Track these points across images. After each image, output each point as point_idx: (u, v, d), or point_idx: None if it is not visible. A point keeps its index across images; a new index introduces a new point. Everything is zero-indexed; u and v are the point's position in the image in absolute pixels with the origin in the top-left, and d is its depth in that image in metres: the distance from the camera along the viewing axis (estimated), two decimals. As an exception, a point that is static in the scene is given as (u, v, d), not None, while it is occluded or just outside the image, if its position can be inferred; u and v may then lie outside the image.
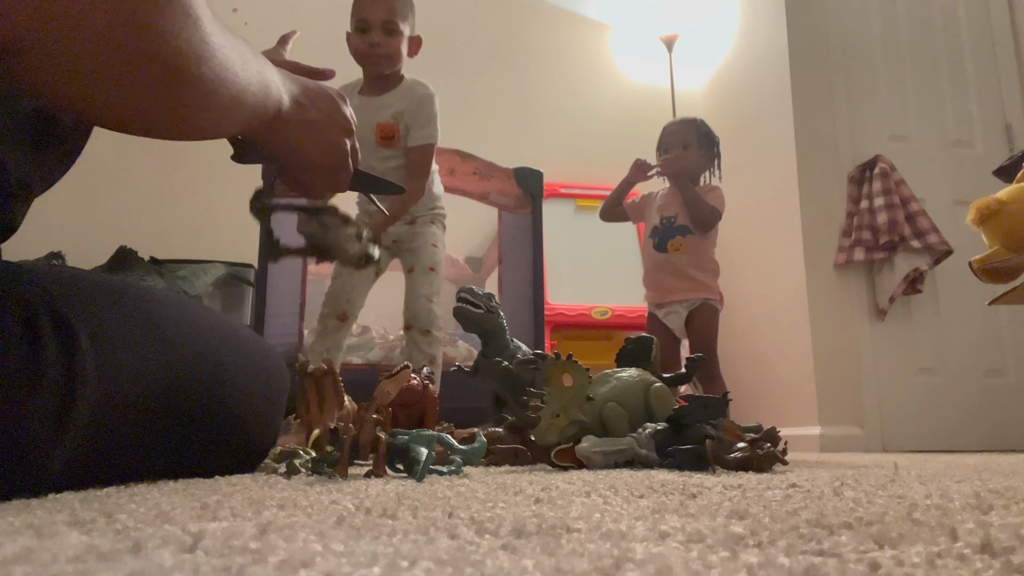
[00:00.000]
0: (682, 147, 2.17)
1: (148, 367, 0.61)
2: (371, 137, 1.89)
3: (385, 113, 1.90)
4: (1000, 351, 2.78)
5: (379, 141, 1.90)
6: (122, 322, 0.60)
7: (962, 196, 2.71)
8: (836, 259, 2.73)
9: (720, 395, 1.08)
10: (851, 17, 2.98)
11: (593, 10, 3.77)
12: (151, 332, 0.63)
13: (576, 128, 3.64)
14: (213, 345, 0.71)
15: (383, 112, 1.90)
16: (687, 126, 2.22)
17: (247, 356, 0.77)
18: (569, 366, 1.00)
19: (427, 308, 1.87)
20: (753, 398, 2.94)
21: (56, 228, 2.86)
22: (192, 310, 0.73)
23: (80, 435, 0.55)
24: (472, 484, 0.67)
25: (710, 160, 2.21)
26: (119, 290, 0.63)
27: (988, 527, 0.35)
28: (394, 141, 1.90)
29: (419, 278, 1.92)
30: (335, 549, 0.28)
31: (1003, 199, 1.47)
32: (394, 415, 1.39)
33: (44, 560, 0.26)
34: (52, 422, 0.52)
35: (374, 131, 1.89)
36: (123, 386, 0.59)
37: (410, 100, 1.90)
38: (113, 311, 0.60)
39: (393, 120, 1.89)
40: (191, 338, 0.68)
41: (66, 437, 0.54)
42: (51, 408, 0.52)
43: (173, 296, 0.72)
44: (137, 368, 0.60)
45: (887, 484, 0.68)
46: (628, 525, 0.37)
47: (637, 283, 2.28)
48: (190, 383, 0.66)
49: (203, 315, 0.74)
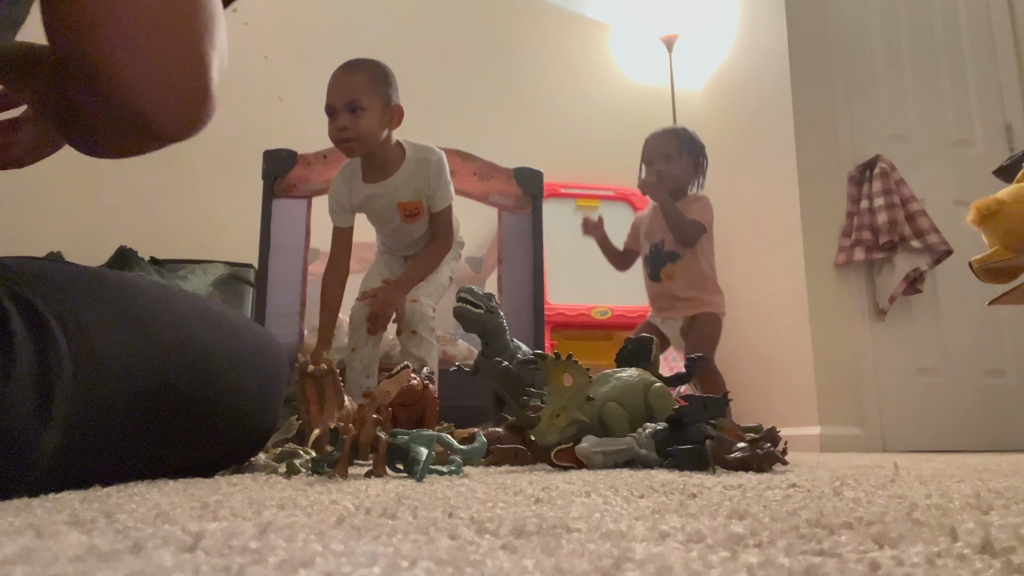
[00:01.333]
0: (665, 159, 2.14)
1: (129, 354, 0.61)
2: (395, 217, 1.91)
3: (404, 192, 1.88)
4: (1000, 351, 2.78)
5: (404, 219, 1.91)
6: (97, 309, 0.60)
7: (962, 196, 2.71)
8: (836, 259, 2.73)
9: (720, 395, 1.08)
10: (851, 17, 2.98)
11: (593, 10, 3.77)
12: (130, 319, 0.63)
13: (576, 128, 3.64)
14: (199, 331, 0.71)
15: (401, 192, 1.88)
16: (669, 137, 2.18)
17: (238, 341, 0.76)
18: (569, 366, 1.00)
19: (411, 307, 1.83)
20: (753, 398, 2.94)
21: (56, 228, 2.87)
22: (176, 298, 0.72)
23: (65, 422, 0.55)
24: (472, 484, 0.67)
25: (696, 169, 2.18)
26: (95, 279, 0.63)
27: (988, 527, 0.35)
28: (419, 216, 1.91)
29: None
30: (335, 549, 0.28)
31: (1003, 199, 1.47)
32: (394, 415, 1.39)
33: (44, 560, 0.26)
34: (32, 408, 0.52)
35: (397, 212, 1.89)
36: (104, 372, 0.58)
37: (424, 174, 1.88)
38: (87, 299, 0.60)
39: (416, 198, 1.89)
40: (174, 325, 0.68)
41: (49, 423, 0.54)
42: (28, 393, 0.52)
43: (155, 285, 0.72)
44: (117, 355, 0.60)
45: (887, 484, 0.68)
46: (628, 525, 0.37)
47: (637, 283, 2.28)
48: (175, 369, 0.66)
49: (188, 302, 0.74)
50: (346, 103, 1.77)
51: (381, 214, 1.94)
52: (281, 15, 3.28)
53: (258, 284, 2.29)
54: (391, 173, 1.88)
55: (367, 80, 1.80)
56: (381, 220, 1.97)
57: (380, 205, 1.91)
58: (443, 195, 1.90)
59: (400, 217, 1.90)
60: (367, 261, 3.00)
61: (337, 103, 1.78)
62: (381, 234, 2.05)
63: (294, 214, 2.30)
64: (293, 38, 3.27)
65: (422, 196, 1.89)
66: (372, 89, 1.79)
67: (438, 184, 1.89)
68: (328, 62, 1.88)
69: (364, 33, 3.33)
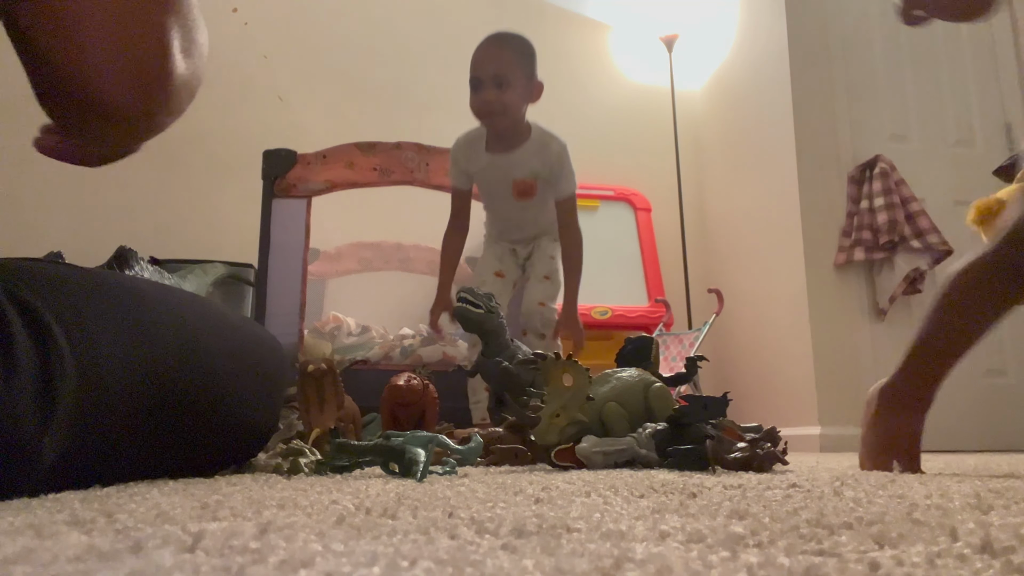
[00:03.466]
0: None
1: (130, 356, 0.61)
2: (507, 192, 1.92)
3: (521, 170, 1.89)
4: (1000, 351, 2.78)
5: (516, 196, 1.92)
6: (99, 311, 0.60)
7: (962, 196, 2.70)
8: (836, 259, 2.73)
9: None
10: (851, 17, 2.98)
11: (593, 10, 3.77)
12: (131, 321, 0.63)
13: (576, 128, 3.63)
14: (200, 332, 0.70)
15: (518, 169, 1.89)
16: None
17: (238, 342, 0.76)
18: (569, 366, 1.00)
19: (539, 312, 1.87)
20: (753, 398, 2.94)
21: (56, 228, 2.86)
22: (176, 299, 0.72)
23: (68, 424, 0.55)
24: (472, 484, 0.67)
25: None
26: (96, 281, 0.63)
27: (988, 527, 0.35)
28: (531, 195, 1.92)
29: (535, 285, 1.95)
30: (335, 549, 0.28)
31: (1003, 199, 1.47)
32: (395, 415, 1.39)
33: (44, 560, 0.26)
34: (34, 411, 0.52)
35: (510, 187, 1.91)
36: (105, 374, 0.58)
37: (544, 157, 1.88)
38: (88, 301, 0.60)
39: (531, 178, 1.90)
40: (175, 327, 0.68)
41: (52, 426, 0.53)
42: (30, 396, 0.52)
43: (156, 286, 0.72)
44: (118, 356, 0.60)
45: (887, 484, 0.68)
46: (628, 525, 0.37)
47: (637, 283, 2.28)
48: (176, 371, 0.66)
49: (189, 303, 0.74)
50: (493, 76, 1.79)
51: (495, 186, 1.94)
52: (281, 15, 3.28)
53: (258, 284, 2.29)
54: (514, 148, 1.88)
55: (515, 55, 1.83)
56: (492, 193, 1.97)
57: (496, 177, 1.92)
58: (568, 183, 1.91)
59: (513, 193, 1.91)
60: (367, 261, 3.02)
61: (484, 76, 1.80)
62: (491, 211, 2.05)
63: (294, 214, 2.30)
64: (293, 38, 3.27)
65: (539, 178, 1.90)
66: (519, 63, 1.82)
67: (561, 172, 1.89)
68: (328, 62, 1.88)
69: (364, 33, 3.33)
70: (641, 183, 3.45)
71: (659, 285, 3.14)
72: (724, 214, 3.39)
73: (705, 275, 3.37)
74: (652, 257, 3.20)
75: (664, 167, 3.43)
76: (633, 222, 3.32)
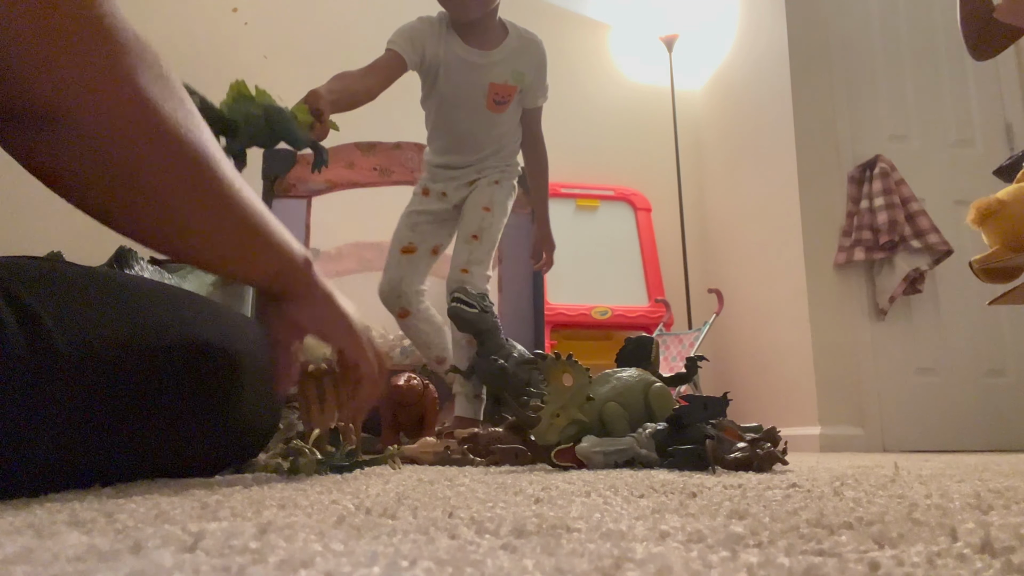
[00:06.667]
0: None
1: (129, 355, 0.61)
2: (481, 100, 1.66)
3: (501, 72, 1.65)
4: (1000, 351, 2.78)
5: (490, 105, 1.67)
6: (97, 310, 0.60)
7: (962, 196, 2.71)
8: (836, 259, 2.73)
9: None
10: (851, 17, 2.98)
11: (593, 10, 3.77)
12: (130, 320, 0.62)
13: (576, 128, 3.64)
14: (199, 332, 0.70)
15: (498, 70, 1.65)
16: None
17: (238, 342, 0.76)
18: (569, 366, 1.00)
19: (460, 280, 1.62)
20: (753, 398, 2.94)
21: (56, 228, 2.86)
22: (176, 298, 0.72)
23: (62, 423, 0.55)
24: (472, 484, 0.67)
25: None
26: (94, 279, 0.63)
27: (988, 527, 0.35)
28: (505, 106, 1.68)
29: (461, 248, 1.69)
30: (335, 549, 0.28)
31: (1003, 199, 1.47)
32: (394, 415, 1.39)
33: (44, 560, 0.26)
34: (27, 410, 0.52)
35: (486, 92, 1.65)
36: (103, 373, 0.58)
37: (529, 58, 1.68)
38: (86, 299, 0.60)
39: (513, 82, 1.66)
40: (175, 325, 0.67)
41: (46, 425, 0.53)
42: (22, 396, 0.51)
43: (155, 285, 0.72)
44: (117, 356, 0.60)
45: (887, 484, 0.68)
46: (628, 525, 0.37)
47: (637, 283, 2.28)
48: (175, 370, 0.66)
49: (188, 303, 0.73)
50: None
51: (467, 89, 1.67)
52: (281, 15, 3.28)
53: (258, 284, 2.29)
54: (494, 46, 1.66)
55: None
56: (456, 97, 1.68)
57: (467, 79, 1.66)
58: (543, 89, 1.73)
59: (487, 101, 1.67)
60: (367, 261, 3.01)
61: None
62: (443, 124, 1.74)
63: (294, 214, 2.30)
64: (293, 38, 3.27)
65: (520, 83, 1.67)
66: None
67: (541, 76, 1.71)
68: (328, 62, 1.88)
69: (364, 33, 3.32)
70: (641, 183, 3.46)
71: (659, 285, 3.14)
72: (724, 214, 3.39)
73: (705, 275, 3.37)
74: (652, 257, 3.20)
75: (664, 167, 3.43)
76: (633, 222, 3.32)
